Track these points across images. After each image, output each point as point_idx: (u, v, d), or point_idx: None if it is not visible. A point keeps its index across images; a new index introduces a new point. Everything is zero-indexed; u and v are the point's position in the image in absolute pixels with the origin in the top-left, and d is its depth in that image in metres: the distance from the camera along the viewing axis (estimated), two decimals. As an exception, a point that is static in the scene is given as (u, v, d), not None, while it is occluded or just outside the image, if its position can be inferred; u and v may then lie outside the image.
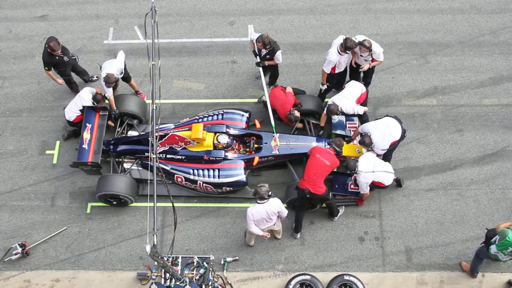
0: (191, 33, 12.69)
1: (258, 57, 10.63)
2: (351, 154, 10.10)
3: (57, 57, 10.68)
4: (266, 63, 10.69)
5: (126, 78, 11.11)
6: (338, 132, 10.75)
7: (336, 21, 12.62)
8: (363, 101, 10.41)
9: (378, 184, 9.67)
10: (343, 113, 10.17)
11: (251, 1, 13.09)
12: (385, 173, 9.58)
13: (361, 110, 10.21)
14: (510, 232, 8.35)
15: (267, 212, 8.82)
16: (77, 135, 11.03)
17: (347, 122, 10.80)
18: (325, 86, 10.79)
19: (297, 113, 10.47)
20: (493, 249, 8.68)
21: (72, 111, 10.75)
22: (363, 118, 10.72)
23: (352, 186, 10.07)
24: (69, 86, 11.66)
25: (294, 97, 10.65)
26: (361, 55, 10.29)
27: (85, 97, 10.64)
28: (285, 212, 9.05)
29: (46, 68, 10.85)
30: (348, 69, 10.91)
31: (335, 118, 10.77)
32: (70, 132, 11.31)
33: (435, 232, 10.21)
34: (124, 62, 10.77)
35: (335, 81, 10.92)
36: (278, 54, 10.48)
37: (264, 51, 10.50)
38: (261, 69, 10.71)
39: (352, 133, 10.58)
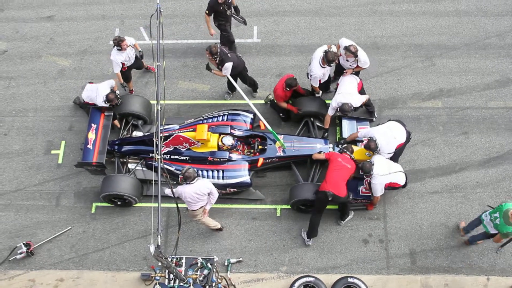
0: (196, 34, 12.71)
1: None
2: (362, 158, 10.06)
3: (221, 7, 10.88)
4: (214, 72, 10.66)
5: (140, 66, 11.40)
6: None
7: (342, 23, 12.62)
8: (360, 90, 10.43)
9: (393, 186, 9.66)
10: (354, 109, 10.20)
11: (256, 2, 13.10)
12: (400, 173, 9.58)
13: (363, 98, 10.24)
14: (506, 204, 8.54)
15: (198, 192, 8.85)
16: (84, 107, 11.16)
17: (358, 126, 10.74)
18: (320, 93, 10.86)
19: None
20: (484, 215, 8.88)
21: (85, 96, 10.76)
22: (369, 111, 10.91)
23: (363, 190, 10.04)
24: (228, 41, 11.68)
25: (295, 107, 10.73)
26: (347, 60, 10.28)
27: (101, 92, 10.49)
28: (215, 193, 9.08)
29: (207, 12, 11.12)
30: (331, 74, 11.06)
31: (345, 124, 10.74)
32: (82, 104, 11.28)
33: (440, 235, 10.18)
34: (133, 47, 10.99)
35: (323, 88, 10.98)
36: (226, 66, 10.34)
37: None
38: (232, 80, 10.72)
39: (366, 135, 10.46)
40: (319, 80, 10.45)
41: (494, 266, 9.83)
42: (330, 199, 9.28)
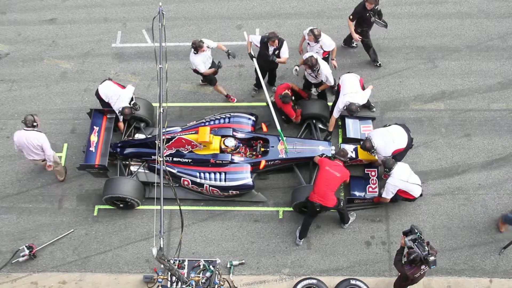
0: (198, 37, 12.63)
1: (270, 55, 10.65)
2: (369, 158, 10.04)
3: (368, 13, 10.72)
4: (278, 60, 10.66)
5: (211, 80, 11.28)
6: (352, 136, 10.73)
7: (344, 25, 12.57)
8: (361, 87, 10.42)
9: (406, 196, 9.67)
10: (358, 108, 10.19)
11: (258, 5, 13.12)
12: (417, 186, 9.59)
13: (368, 92, 10.31)
14: None
15: (27, 140, 9.60)
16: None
17: (361, 126, 10.75)
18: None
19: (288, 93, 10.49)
20: None
21: (103, 93, 10.49)
22: (365, 105, 10.94)
23: (370, 190, 10.03)
24: (367, 47, 11.62)
25: (296, 109, 10.72)
26: (312, 45, 10.47)
27: (123, 101, 10.35)
28: (47, 150, 9.69)
29: (351, 17, 10.86)
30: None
31: (349, 123, 10.75)
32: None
33: (442, 237, 10.16)
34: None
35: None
36: (285, 46, 10.59)
37: (274, 49, 10.56)
38: (259, 72, 10.73)
39: (366, 135, 10.46)
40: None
41: (497, 268, 9.81)
42: (318, 210, 9.31)
